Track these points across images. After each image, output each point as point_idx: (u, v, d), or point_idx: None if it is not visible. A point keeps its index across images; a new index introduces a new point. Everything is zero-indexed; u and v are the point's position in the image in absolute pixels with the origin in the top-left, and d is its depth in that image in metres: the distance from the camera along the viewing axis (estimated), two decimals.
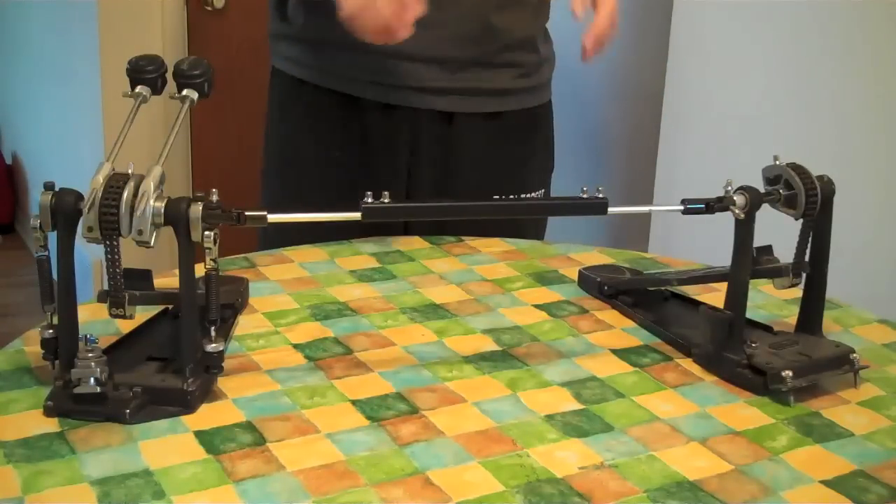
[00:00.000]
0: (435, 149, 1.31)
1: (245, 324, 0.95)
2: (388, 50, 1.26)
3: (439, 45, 1.25)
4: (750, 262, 0.89)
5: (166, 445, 0.73)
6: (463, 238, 1.22)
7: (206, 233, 0.75)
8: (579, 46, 1.12)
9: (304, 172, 1.33)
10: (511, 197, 1.25)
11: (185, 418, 0.77)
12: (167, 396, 0.77)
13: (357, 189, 0.86)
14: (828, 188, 0.89)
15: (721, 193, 0.88)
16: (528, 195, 1.35)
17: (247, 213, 0.79)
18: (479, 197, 0.93)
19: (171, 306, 0.92)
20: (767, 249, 0.94)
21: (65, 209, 0.75)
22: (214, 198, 0.76)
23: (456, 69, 1.27)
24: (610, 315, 1.02)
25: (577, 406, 0.82)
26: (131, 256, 0.80)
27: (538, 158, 1.40)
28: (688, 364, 0.91)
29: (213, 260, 0.77)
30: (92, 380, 0.74)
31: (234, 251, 1.12)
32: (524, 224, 1.33)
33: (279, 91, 1.36)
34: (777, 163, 0.90)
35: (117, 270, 0.76)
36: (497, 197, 0.92)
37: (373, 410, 0.80)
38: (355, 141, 1.31)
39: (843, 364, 0.87)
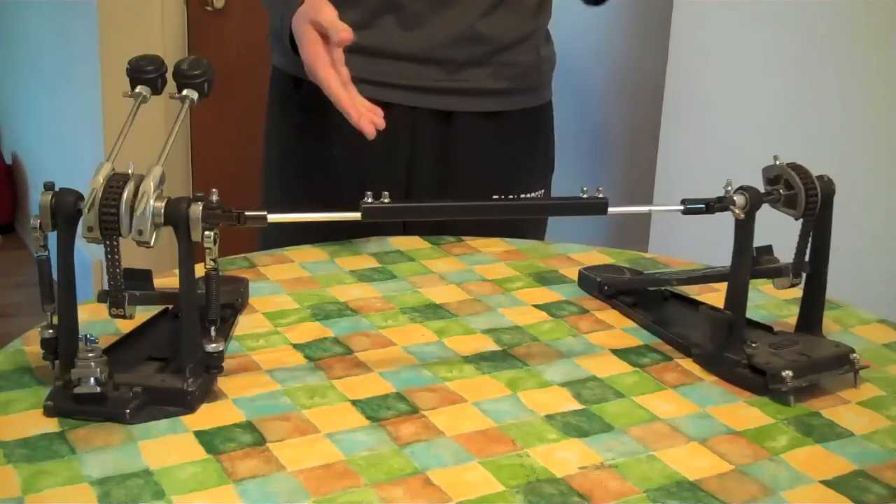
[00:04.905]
0: (434, 148, 1.31)
1: (245, 324, 0.95)
2: (386, 50, 1.26)
3: (433, 46, 1.25)
4: (750, 262, 0.89)
5: (166, 445, 0.73)
6: (463, 238, 1.22)
7: (206, 233, 0.75)
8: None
9: (303, 172, 1.33)
10: (511, 197, 1.26)
11: (185, 418, 0.77)
12: (167, 396, 0.77)
13: (357, 188, 0.86)
14: (828, 188, 0.89)
15: (721, 193, 0.88)
16: (528, 195, 1.35)
17: (247, 213, 0.79)
18: (478, 197, 0.93)
19: (171, 306, 0.92)
20: (767, 249, 0.94)
21: (65, 209, 0.75)
22: (214, 198, 0.76)
23: (453, 69, 1.27)
24: (610, 315, 1.02)
25: (577, 406, 0.82)
26: (131, 256, 0.80)
27: (538, 158, 1.39)
28: (688, 364, 0.91)
29: (213, 260, 0.77)
30: (92, 380, 0.74)
31: (234, 251, 1.12)
32: (524, 224, 1.32)
33: (278, 90, 1.36)
34: (777, 163, 0.90)
35: (117, 270, 0.76)
36: (497, 197, 0.92)
37: (373, 410, 0.80)
38: (354, 140, 1.30)
39: (843, 364, 0.87)
